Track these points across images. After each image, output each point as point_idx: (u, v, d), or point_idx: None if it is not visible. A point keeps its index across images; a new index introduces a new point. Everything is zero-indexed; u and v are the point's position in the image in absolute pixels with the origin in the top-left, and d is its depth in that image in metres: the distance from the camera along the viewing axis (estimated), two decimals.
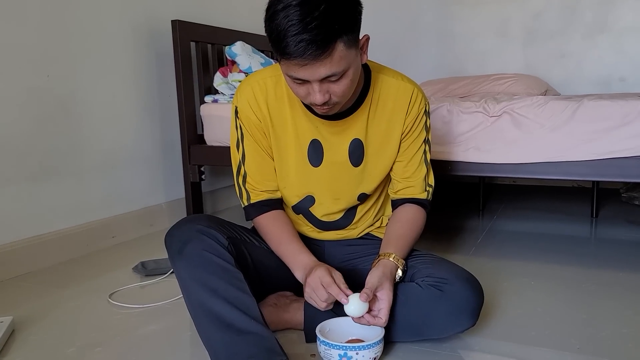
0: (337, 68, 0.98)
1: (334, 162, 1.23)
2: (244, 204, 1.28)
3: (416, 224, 1.27)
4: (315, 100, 1.03)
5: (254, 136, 1.24)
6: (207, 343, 1.04)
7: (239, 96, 1.23)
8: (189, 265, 1.07)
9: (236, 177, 1.28)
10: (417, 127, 1.25)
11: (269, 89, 1.20)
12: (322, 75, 0.98)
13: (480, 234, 2.20)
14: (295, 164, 1.24)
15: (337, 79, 1.01)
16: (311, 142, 1.22)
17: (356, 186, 1.26)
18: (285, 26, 0.93)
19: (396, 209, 1.30)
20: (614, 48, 2.85)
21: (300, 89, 1.03)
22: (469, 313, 1.13)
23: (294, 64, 0.97)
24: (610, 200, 2.72)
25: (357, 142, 1.22)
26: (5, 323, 1.30)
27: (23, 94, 1.82)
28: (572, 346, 1.19)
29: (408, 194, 1.28)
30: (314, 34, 0.92)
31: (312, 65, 0.96)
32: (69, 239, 1.96)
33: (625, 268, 1.72)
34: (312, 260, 1.16)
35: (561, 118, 1.74)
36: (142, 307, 1.47)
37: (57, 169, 1.95)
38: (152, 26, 2.32)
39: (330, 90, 1.02)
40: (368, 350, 1.05)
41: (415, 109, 1.23)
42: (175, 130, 2.43)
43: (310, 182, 1.25)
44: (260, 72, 1.25)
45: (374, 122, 1.22)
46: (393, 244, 1.21)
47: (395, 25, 3.35)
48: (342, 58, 0.98)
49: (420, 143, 1.27)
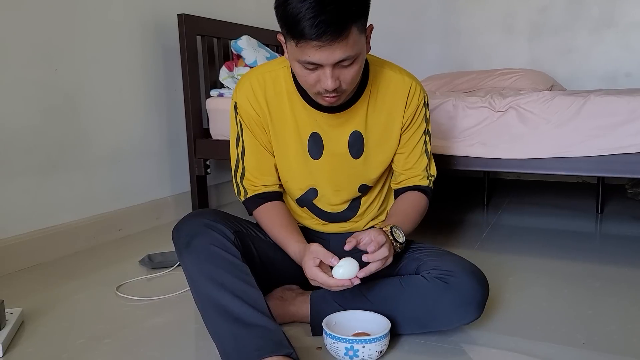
0: (351, 51, 1.00)
1: (334, 154, 1.24)
2: (241, 200, 1.30)
3: (419, 205, 1.28)
4: (326, 86, 1.03)
5: (253, 131, 1.25)
6: (215, 336, 1.05)
7: (238, 92, 1.25)
8: (196, 259, 1.08)
9: (234, 174, 1.30)
10: (417, 119, 1.26)
11: (267, 84, 1.22)
12: (337, 58, 0.99)
13: (485, 228, 2.20)
14: (296, 158, 1.25)
15: (349, 64, 1.03)
16: (311, 135, 1.23)
17: (357, 178, 1.27)
18: (302, 9, 0.94)
19: (399, 195, 1.32)
20: (621, 43, 2.83)
21: (311, 76, 1.04)
22: (474, 305, 1.13)
23: (310, 47, 0.98)
24: (616, 196, 2.72)
25: (356, 134, 1.23)
26: (15, 314, 1.31)
27: (31, 88, 1.83)
28: (577, 341, 1.20)
29: (410, 183, 1.30)
30: (332, 15, 0.94)
31: (329, 47, 0.97)
32: (76, 231, 1.98)
33: (630, 264, 1.72)
34: (299, 249, 1.14)
35: (567, 114, 1.74)
36: (149, 300, 1.49)
37: (65, 162, 1.96)
38: (158, 20, 2.33)
39: (340, 77, 1.04)
40: (374, 343, 1.06)
41: (414, 101, 1.24)
42: (181, 124, 2.43)
43: (311, 175, 1.26)
44: (258, 68, 1.26)
45: (373, 115, 1.23)
46: (391, 220, 1.21)
47: (400, 19, 3.34)
48: (356, 42, 1.00)
49: (421, 135, 1.28)
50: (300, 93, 1.21)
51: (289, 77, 1.21)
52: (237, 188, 1.30)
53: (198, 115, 2.38)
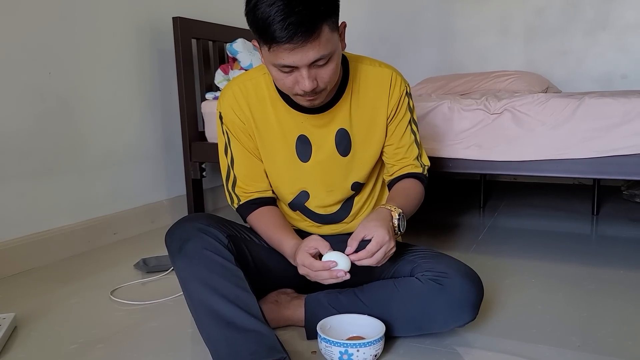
0: (324, 50, 1.00)
1: (322, 154, 1.24)
2: (234, 208, 1.30)
3: (415, 190, 1.28)
4: (304, 87, 1.04)
5: (240, 140, 1.26)
6: (208, 341, 1.04)
7: (222, 102, 1.26)
8: (189, 264, 1.07)
9: (226, 183, 1.30)
10: (400, 109, 1.27)
11: (249, 92, 1.23)
12: (311, 59, 1.00)
13: (481, 231, 2.20)
14: (285, 162, 1.25)
15: (324, 64, 1.03)
16: (298, 138, 1.23)
17: (347, 175, 1.27)
18: (271, 13, 0.95)
19: (395, 184, 1.30)
20: (616, 45, 2.84)
21: (288, 79, 1.05)
22: (469, 307, 1.13)
23: (283, 50, 0.98)
24: (612, 197, 2.72)
25: (342, 132, 1.23)
26: (8, 319, 1.30)
27: (25, 92, 1.82)
28: (572, 344, 1.20)
29: (403, 172, 1.30)
30: (301, 16, 0.94)
31: (302, 48, 0.98)
32: (70, 235, 1.97)
33: (626, 266, 1.72)
34: (295, 246, 1.14)
35: (562, 116, 1.74)
36: (144, 304, 1.48)
37: (59, 166, 1.95)
38: (153, 23, 2.32)
39: (317, 77, 1.04)
40: (369, 347, 1.06)
41: (396, 91, 1.25)
42: (177, 127, 2.43)
43: (302, 178, 1.26)
44: (239, 77, 1.28)
45: (357, 111, 1.23)
46: (395, 201, 1.19)
47: (396, 22, 3.35)
48: (328, 41, 1.01)
49: (407, 124, 1.28)
50: (283, 98, 1.21)
51: (271, 83, 1.22)
52: (230, 196, 1.31)
53: (193, 118, 2.38)
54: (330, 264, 1.05)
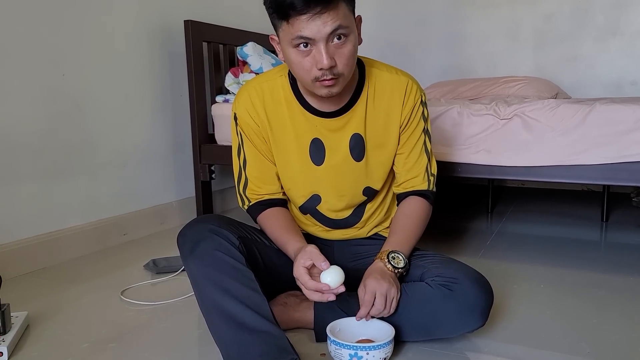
0: (343, 21, 1.02)
1: (335, 158, 1.25)
2: (244, 209, 1.31)
3: (420, 216, 1.28)
4: (322, 64, 1.03)
5: (253, 142, 1.27)
6: (219, 341, 1.05)
7: (237, 103, 1.27)
8: (201, 265, 1.08)
9: (237, 185, 1.31)
10: (414, 118, 1.27)
11: (265, 93, 1.23)
12: (329, 29, 1.01)
13: (489, 236, 2.20)
14: (298, 165, 1.26)
15: (341, 44, 1.04)
16: (312, 142, 1.24)
17: (360, 181, 1.28)
18: None
19: (400, 202, 1.32)
20: (626, 51, 2.83)
21: (306, 60, 1.05)
22: (479, 312, 1.13)
23: (301, 21, 1.00)
24: (621, 204, 2.71)
25: (357, 136, 1.24)
26: (20, 318, 1.32)
27: (38, 93, 1.85)
28: (582, 350, 1.19)
29: (410, 186, 1.30)
30: None
31: (320, 17, 0.99)
32: (81, 236, 1.99)
33: (635, 273, 1.71)
34: (297, 249, 1.15)
35: (572, 122, 1.74)
36: (154, 304, 1.49)
37: (71, 167, 1.97)
38: (165, 26, 2.35)
39: (335, 56, 1.05)
40: (378, 350, 1.06)
41: (411, 100, 1.25)
42: (187, 130, 2.45)
43: (314, 181, 1.27)
44: (256, 79, 1.28)
45: (372, 116, 1.24)
46: (392, 239, 1.23)
47: (405, 26, 3.36)
48: (346, 16, 1.03)
49: (420, 133, 1.28)
50: (298, 100, 1.22)
51: (287, 86, 1.23)
52: (241, 199, 1.32)
53: (203, 120, 2.39)
54: (323, 286, 1.05)
